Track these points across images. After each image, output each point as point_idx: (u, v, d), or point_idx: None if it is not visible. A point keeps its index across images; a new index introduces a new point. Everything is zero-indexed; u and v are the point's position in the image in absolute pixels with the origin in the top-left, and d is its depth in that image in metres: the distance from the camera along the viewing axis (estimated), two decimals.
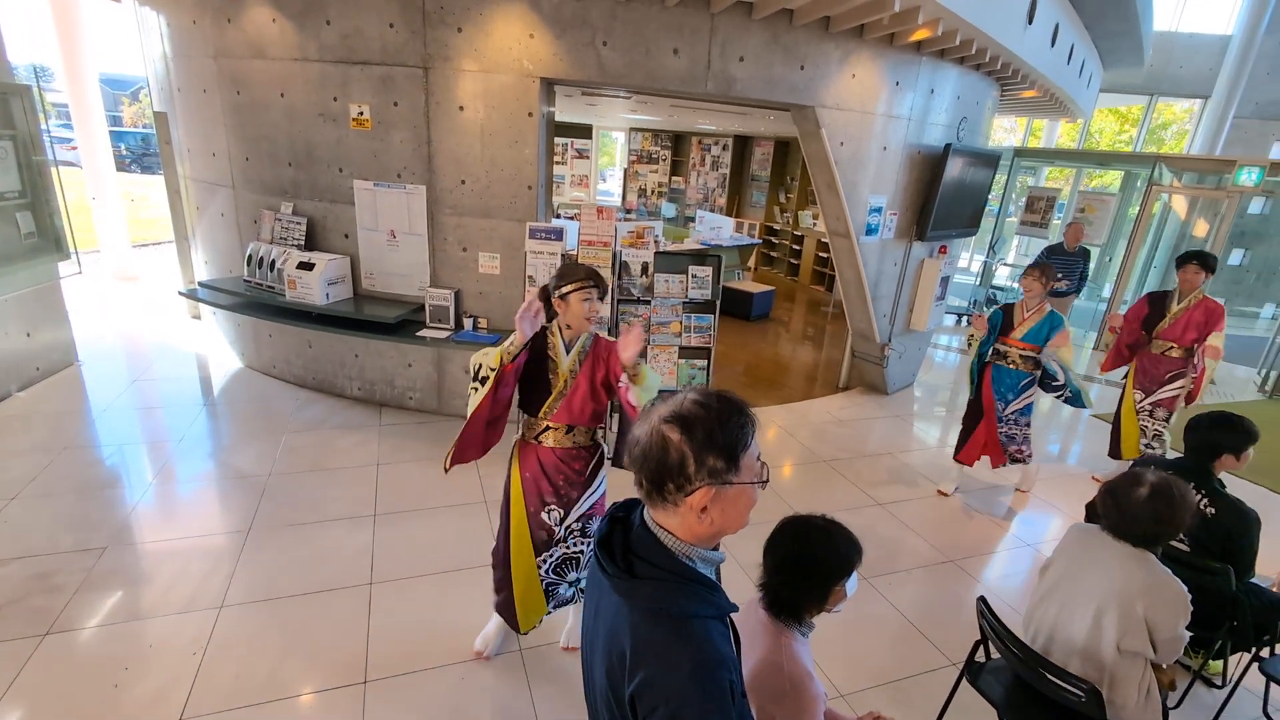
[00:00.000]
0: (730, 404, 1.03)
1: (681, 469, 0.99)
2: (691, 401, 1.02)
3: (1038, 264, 4.01)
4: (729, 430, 1.00)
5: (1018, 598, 3.36)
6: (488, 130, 4.09)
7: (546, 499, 2.47)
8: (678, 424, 1.00)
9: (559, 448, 2.43)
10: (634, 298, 4.31)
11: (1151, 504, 1.99)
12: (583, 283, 2.30)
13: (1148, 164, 8.64)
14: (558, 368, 2.37)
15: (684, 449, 0.98)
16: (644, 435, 1.02)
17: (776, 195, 11.31)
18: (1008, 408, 4.13)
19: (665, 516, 1.05)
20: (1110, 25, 6.75)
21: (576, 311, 2.31)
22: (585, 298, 2.31)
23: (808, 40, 4.27)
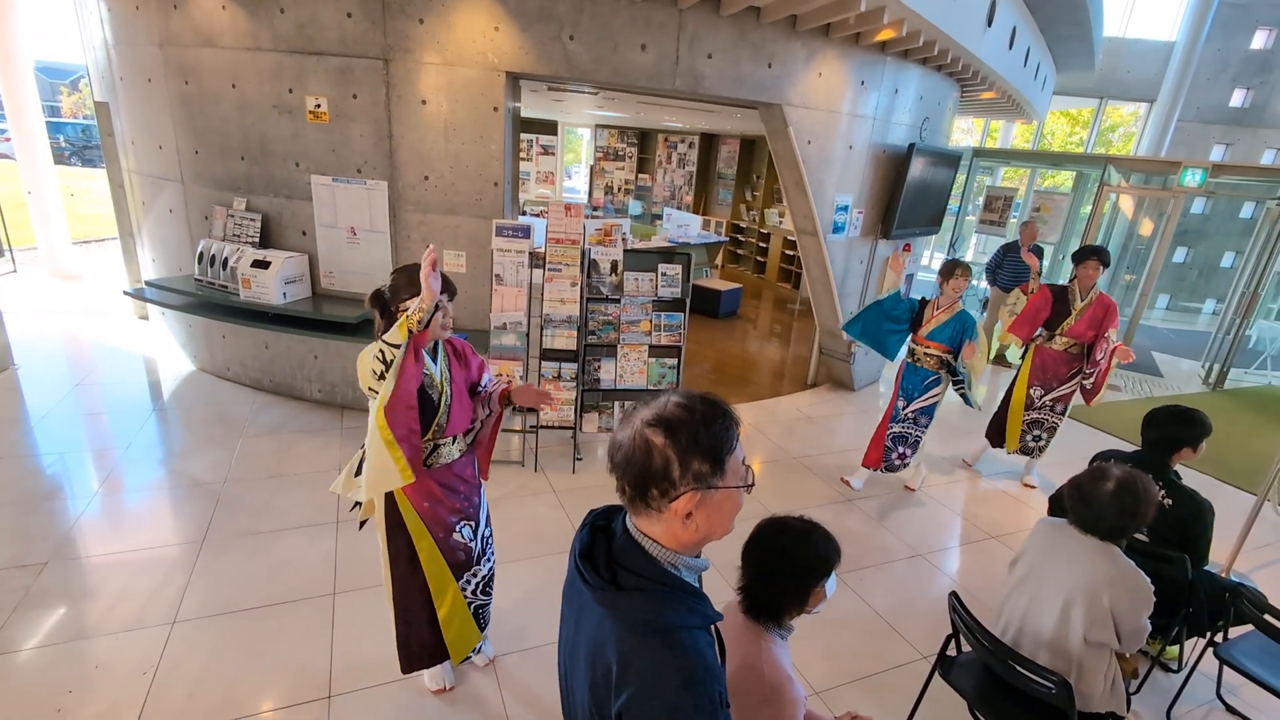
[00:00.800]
0: (714, 406, 1.00)
1: (666, 474, 0.96)
2: (675, 404, 0.99)
3: (959, 262, 3.88)
4: (714, 433, 0.97)
5: (986, 590, 3.42)
6: (452, 125, 3.99)
7: (453, 519, 2.29)
8: (661, 427, 0.96)
9: (452, 461, 2.26)
10: (603, 296, 4.26)
11: (1117, 499, 2.03)
12: None
13: (1098, 165, 8.94)
14: (433, 380, 2.15)
15: (668, 453, 0.95)
16: (626, 439, 0.99)
17: (743, 193, 11.37)
18: (910, 405, 4.07)
19: (649, 523, 1.02)
20: (1064, 29, 6.95)
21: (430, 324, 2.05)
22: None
23: (775, 38, 4.27)
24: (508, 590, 3.09)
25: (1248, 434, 5.89)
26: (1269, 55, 12.73)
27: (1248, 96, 12.96)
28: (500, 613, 2.94)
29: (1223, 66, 12.78)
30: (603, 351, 4.39)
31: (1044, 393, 4.46)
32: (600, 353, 4.39)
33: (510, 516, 3.70)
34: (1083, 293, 4.25)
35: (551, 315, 4.16)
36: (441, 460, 2.22)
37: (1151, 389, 7.19)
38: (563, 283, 4.12)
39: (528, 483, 4.10)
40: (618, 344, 4.36)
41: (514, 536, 3.51)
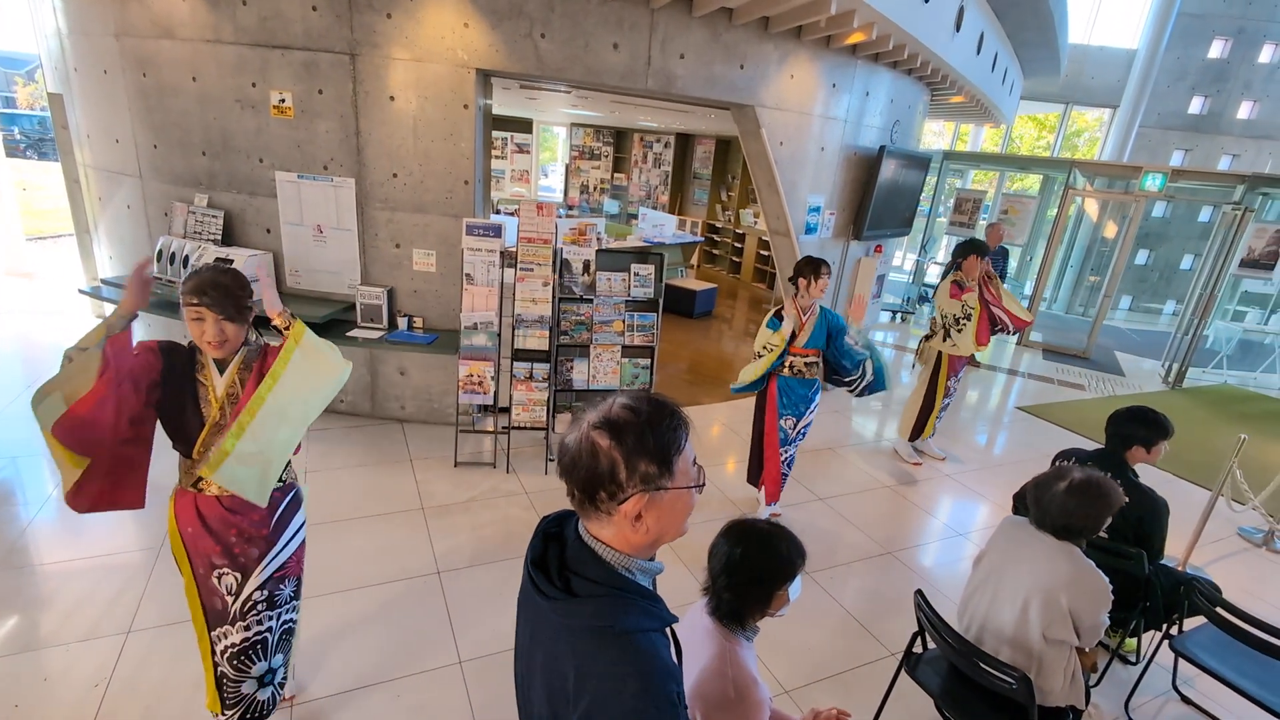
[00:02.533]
0: (661, 407, 0.99)
1: (613, 476, 0.95)
2: (621, 406, 0.98)
3: (824, 261, 3.59)
4: (660, 434, 0.96)
5: (951, 586, 3.47)
6: (421, 122, 3.93)
7: (215, 561, 1.95)
8: (607, 429, 0.96)
9: (225, 495, 1.91)
10: (576, 296, 4.24)
11: (1066, 499, 2.07)
12: (186, 299, 1.77)
13: (1064, 169, 9.15)
14: (210, 392, 1.86)
15: (614, 455, 0.95)
16: (573, 443, 0.98)
17: (718, 193, 11.41)
18: (800, 421, 3.75)
19: (600, 527, 1.01)
20: (1030, 36, 7.10)
21: (191, 330, 1.80)
22: (194, 317, 1.78)
23: (747, 40, 4.29)
24: (478, 594, 3.06)
25: (1204, 431, 6.07)
26: (1225, 64, 13.15)
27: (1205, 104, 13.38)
28: (471, 616, 2.91)
29: (1182, 74, 13.17)
30: (575, 352, 4.37)
31: (955, 380, 4.76)
32: (573, 353, 4.36)
33: (481, 519, 3.66)
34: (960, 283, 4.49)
35: (523, 315, 4.12)
36: (210, 490, 1.91)
37: (1114, 388, 7.38)
38: (535, 282, 4.09)
39: (499, 484, 4.06)
40: (590, 344, 4.34)
41: (485, 539, 3.48)
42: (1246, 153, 13.26)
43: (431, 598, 3.01)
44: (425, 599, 3.00)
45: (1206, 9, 12.62)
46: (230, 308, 1.81)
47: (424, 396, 4.61)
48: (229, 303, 1.81)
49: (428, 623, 2.86)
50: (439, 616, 2.90)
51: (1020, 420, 6.15)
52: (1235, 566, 3.97)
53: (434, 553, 3.32)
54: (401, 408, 4.64)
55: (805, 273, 3.54)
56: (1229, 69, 13.02)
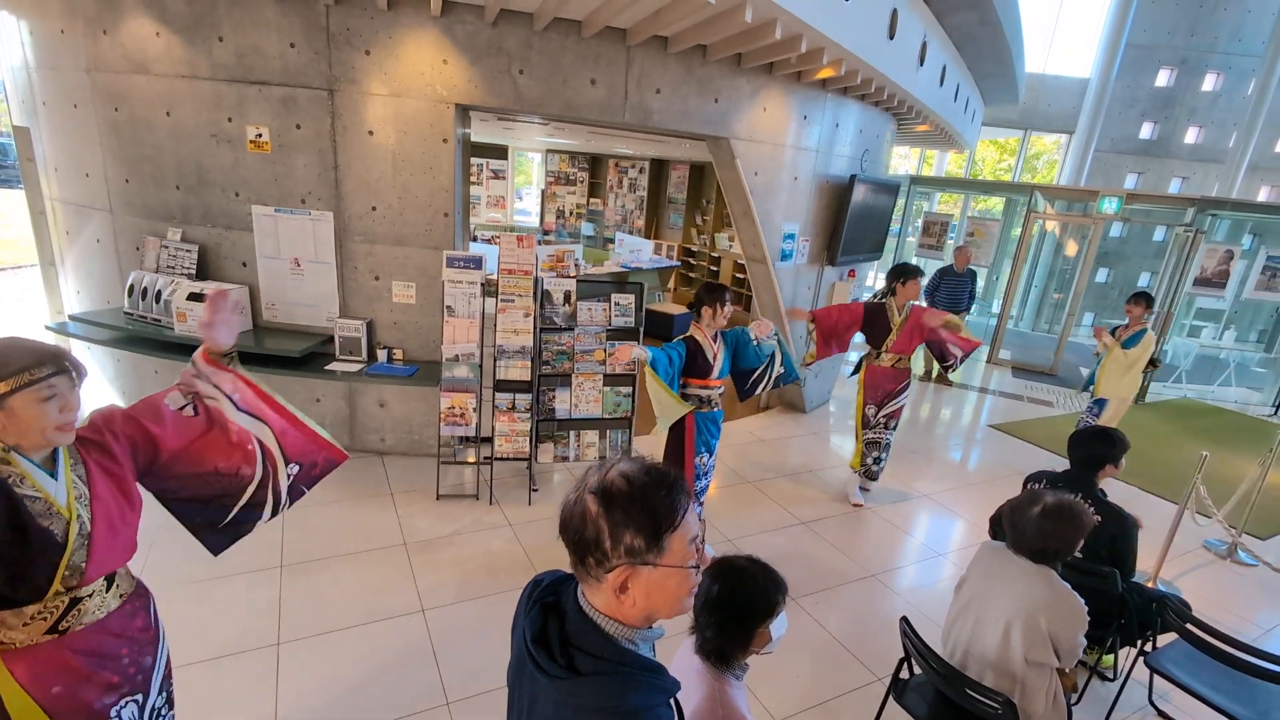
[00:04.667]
0: (660, 479, 0.97)
1: (598, 544, 0.95)
2: (619, 473, 0.98)
3: (726, 287, 3.51)
4: (650, 508, 0.94)
5: (931, 606, 3.52)
6: (400, 156, 3.95)
7: (108, 700, 1.56)
8: (599, 496, 0.96)
9: (108, 613, 1.55)
10: (557, 326, 4.26)
11: (1041, 523, 2.14)
12: (24, 375, 1.37)
13: (1026, 192, 9.49)
14: (50, 505, 1.42)
15: (600, 523, 0.95)
16: (572, 501, 0.99)
17: (693, 217, 11.57)
18: (712, 456, 3.67)
19: (594, 594, 1.01)
20: (989, 67, 7.39)
21: (29, 421, 1.38)
22: (43, 397, 1.39)
23: (721, 75, 4.41)
24: (463, 631, 3.02)
25: (1167, 445, 6.27)
26: (1171, 92, 13.82)
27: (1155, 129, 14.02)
28: (458, 654, 2.87)
29: (1132, 101, 13.80)
30: (557, 381, 4.37)
31: (877, 410, 4.47)
32: (554, 382, 4.37)
33: (465, 553, 3.62)
34: (900, 309, 4.33)
35: (505, 346, 4.13)
36: (85, 620, 1.50)
37: (1081, 404, 7.59)
38: (516, 313, 4.10)
39: (482, 516, 4.02)
40: (572, 373, 4.36)
41: (470, 574, 3.44)
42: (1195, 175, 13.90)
43: (416, 637, 2.97)
44: (410, 638, 2.95)
45: (1152, 40, 13.28)
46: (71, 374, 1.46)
47: (404, 429, 4.56)
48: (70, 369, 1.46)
49: (413, 663, 2.81)
50: (424, 656, 2.86)
51: (992, 438, 6.29)
52: (1202, 579, 4.09)
53: (418, 590, 3.27)
54: (381, 440, 4.58)
55: (708, 300, 3.38)
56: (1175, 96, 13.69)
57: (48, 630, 1.44)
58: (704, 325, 3.47)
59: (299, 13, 3.66)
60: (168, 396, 1.76)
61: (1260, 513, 4.70)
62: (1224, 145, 13.29)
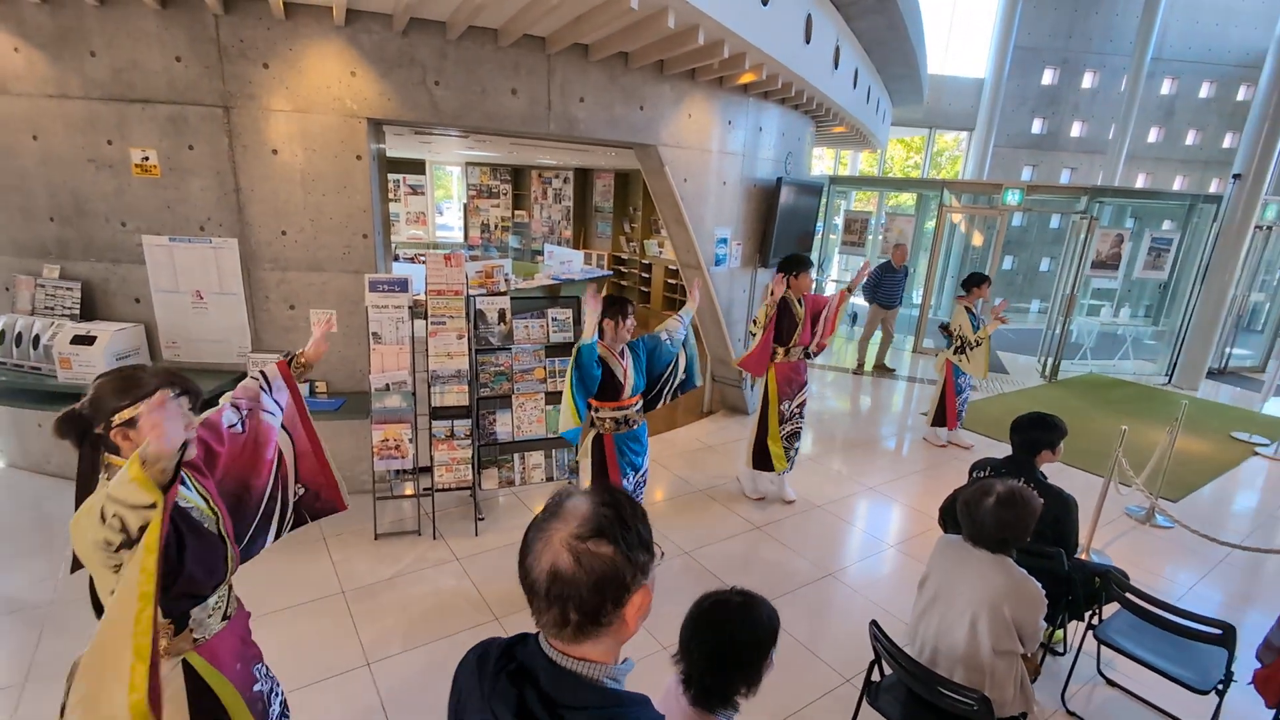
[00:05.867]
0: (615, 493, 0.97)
1: (618, 581, 0.90)
2: (595, 505, 0.93)
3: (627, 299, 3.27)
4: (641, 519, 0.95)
5: (889, 599, 3.55)
6: (310, 175, 3.68)
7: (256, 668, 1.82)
8: (601, 535, 0.90)
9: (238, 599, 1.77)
10: (493, 346, 4.08)
11: (999, 513, 2.16)
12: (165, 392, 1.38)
13: (936, 188, 9.95)
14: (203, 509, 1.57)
15: (617, 560, 0.90)
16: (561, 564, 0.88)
17: (621, 225, 11.54)
18: (640, 471, 3.50)
19: (587, 647, 0.93)
20: (896, 69, 7.71)
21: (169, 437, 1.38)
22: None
23: (644, 82, 4.36)
24: (415, 681, 2.80)
25: (1083, 418, 6.66)
26: (1056, 90, 14.90)
27: (1045, 124, 15.08)
28: (410, 707, 2.65)
29: (1023, 99, 14.79)
30: (497, 403, 4.19)
31: (790, 403, 4.47)
32: (494, 405, 4.18)
33: (410, 595, 3.38)
34: (798, 300, 4.31)
35: (439, 371, 3.91)
36: (232, 606, 1.70)
37: (1001, 386, 8.00)
38: (448, 336, 3.90)
39: (426, 553, 3.78)
40: (512, 394, 4.18)
41: (415, 618, 3.20)
42: (1082, 166, 15.04)
43: (363, 693, 2.73)
44: (355, 695, 2.71)
45: (1036, 42, 14.29)
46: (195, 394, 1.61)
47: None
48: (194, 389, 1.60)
49: None
50: (373, 713, 2.63)
51: (923, 424, 6.50)
52: (1128, 545, 4.33)
53: (361, 642, 3.02)
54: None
55: (609, 314, 3.11)
56: (1060, 94, 14.78)
57: (222, 618, 1.64)
58: (607, 342, 3.19)
59: (183, 24, 3.35)
60: (224, 414, 1.81)
61: (1171, 477, 5.04)
62: (1105, 137, 14.44)
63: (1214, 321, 7.98)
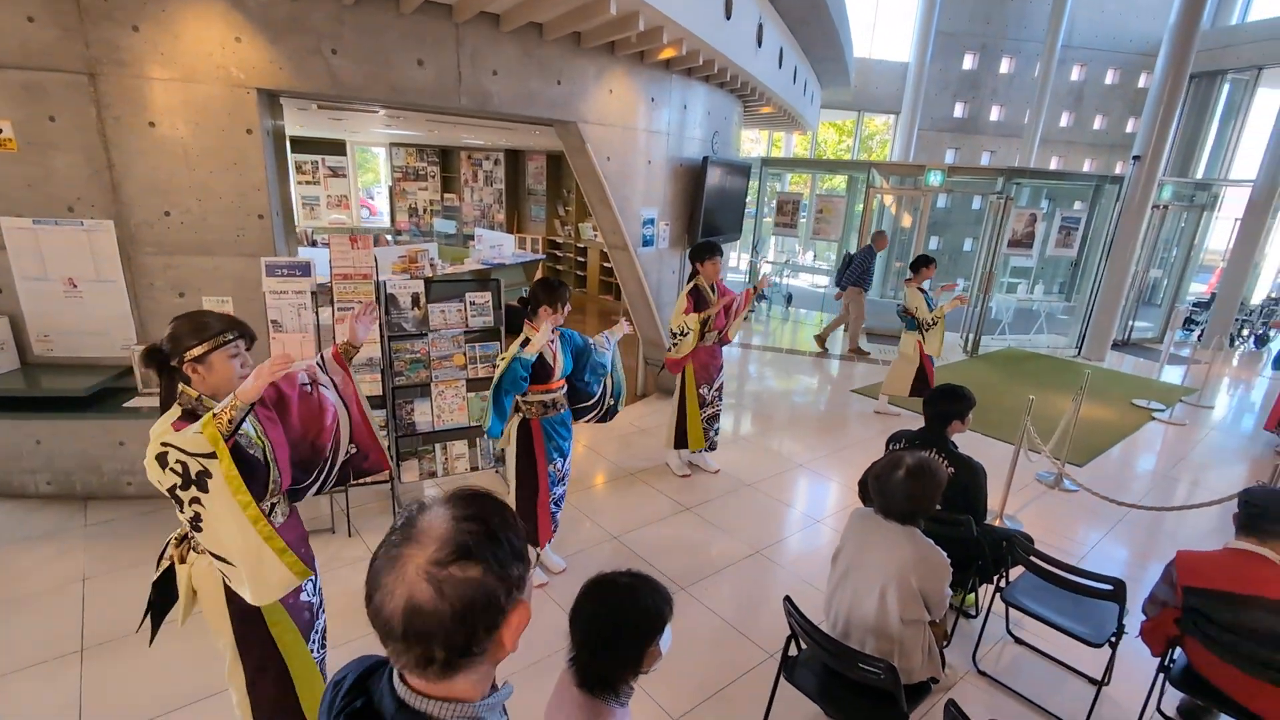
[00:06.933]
0: (485, 500, 0.86)
1: (492, 604, 0.80)
2: (453, 521, 0.81)
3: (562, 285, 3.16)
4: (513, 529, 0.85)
5: (815, 573, 3.60)
6: (194, 151, 3.39)
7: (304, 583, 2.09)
8: (467, 556, 0.78)
9: (289, 518, 2.10)
10: (407, 333, 3.89)
11: (907, 484, 2.18)
12: (220, 337, 1.82)
13: (864, 170, 10.16)
14: (250, 438, 1.87)
15: (489, 580, 0.79)
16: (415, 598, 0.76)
17: (555, 209, 11.31)
18: (567, 459, 3.44)
19: (458, 681, 0.82)
20: (821, 51, 7.78)
21: (222, 374, 1.82)
22: (231, 354, 1.84)
23: (561, 55, 4.21)
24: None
25: (999, 391, 6.96)
26: (976, 75, 15.43)
27: (966, 109, 15.61)
28: None
29: (945, 84, 15.25)
30: (415, 392, 4.01)
31: (710, 387, 4.54)
32: (412, 394, 4.00)
33: (326, 595, 3.18)
34: (711, 287, 4.35)
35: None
36: (277, 521, 2.00)
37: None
38: None
39: (340, 551, 3.60)
40: (430, 382, 4.01)
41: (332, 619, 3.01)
42: (1000, 149, 15.68)
43: None
44: None
45: (956, 28, 14.74)
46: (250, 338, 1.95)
47: None
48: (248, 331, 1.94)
49: None
50: None
51: (856, 402, 6.66)
52: (1038, 510, 4.53)
53: None
54: None
55: (547, 299, 3.08)
56: (979, 79, 15.32)
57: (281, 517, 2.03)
58: (539, 325, 3.08)
59: None
60: (298, 374, 2.13)
61: (1076, 443, 5.31)
62: (1020, 121, 15.07)
63: (1117, 296, 8.46)
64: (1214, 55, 12.66)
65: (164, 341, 1.81)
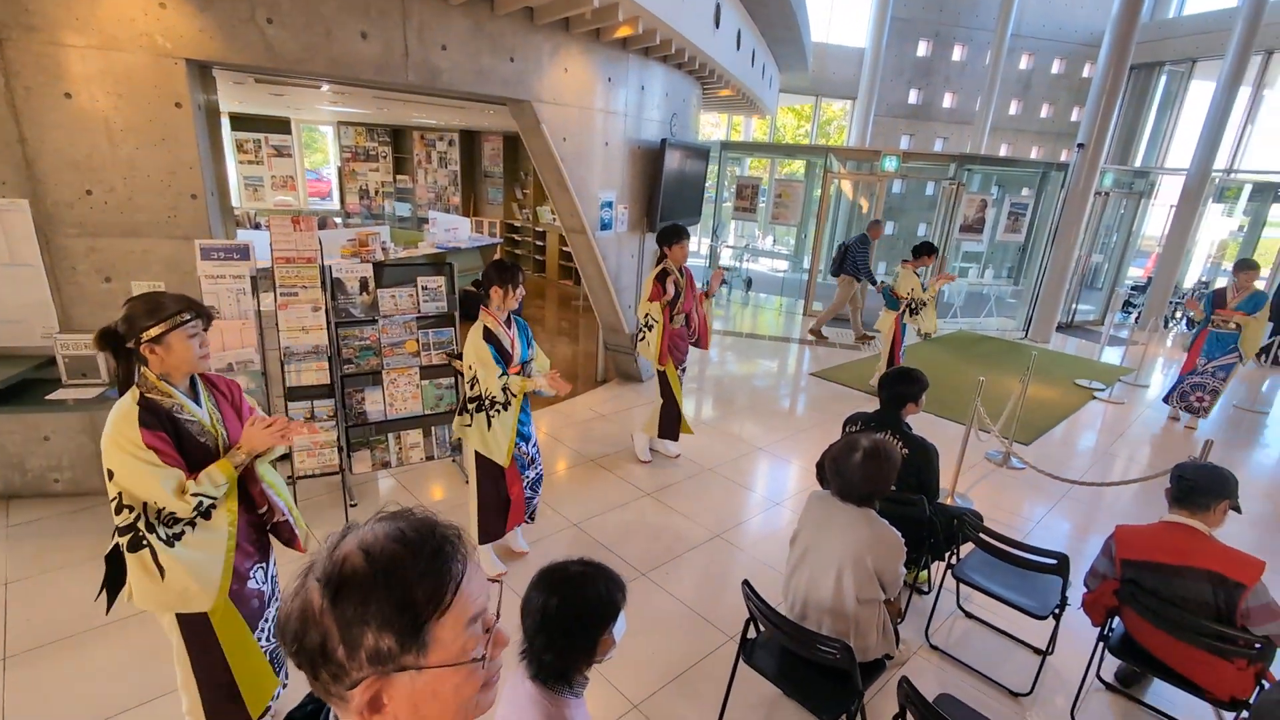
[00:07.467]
0: (418, 543, 0.70)
1: (326, 653, 0.67)
2: (359, 544, 0.69)
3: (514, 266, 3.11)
4: (400, 591, 0.67)
5: (775, 555, 3.63)
6: (117, 125, 3.16)
7: (247, 565, 2.09)
8: (325, 585, 0.67)
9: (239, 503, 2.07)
10: (355, 319, 3.75)
11: (864, 466, 2.20)
12: (178, 317, 1.82)
13: (822, 155, 10.23)
14: (203, 425, 1.93)
15: (326, 623, 0.66)
16: (291, 594, 0.69)
17: (513, 191, 11.09)
18: (529, 442, 3.39)
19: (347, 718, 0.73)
20: (779, 33, 7.76)
21: (179, 354, 1.84)
22: (189, 335, 1.85)
23: (514, 31, 4.07)
24: None
25: (951, 372, 7.15)
26: (930, 62, 15.68)
27: (920, 95, 15.86)
28: None
29: (900, 70, 15.45)
30: (366, 380, 3.88)
31: (681, 369, 4.56)
32: (362, 382, 3.87)
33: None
34: (678, 270, 4.30)
35: (293, 347, 3.55)
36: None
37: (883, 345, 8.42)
38: (302, 308, 3.53)
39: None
40: (382, 370, 3.88)
41: None
42: (953, 136, 16.00)
43: None
44: None
45: (911, 14, 14.92)
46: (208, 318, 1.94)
47: None
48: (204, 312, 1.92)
49: None
50: None
51: (814, 384, 6.75)
52: (987, 487, 4.67)
53: None
54: None
55: (498, 280, 3.02)
56: (933, 66, 15.57)
57: None
58: (494, 309, 3.05)
59: None
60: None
61: (1023, 423, 5.50)
62: (972, 108, 15.39)
63: (1062, 280, 8.76)
64: (1152, 47, 13.13)
65: (119, 323, 1.80)
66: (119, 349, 1.82)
